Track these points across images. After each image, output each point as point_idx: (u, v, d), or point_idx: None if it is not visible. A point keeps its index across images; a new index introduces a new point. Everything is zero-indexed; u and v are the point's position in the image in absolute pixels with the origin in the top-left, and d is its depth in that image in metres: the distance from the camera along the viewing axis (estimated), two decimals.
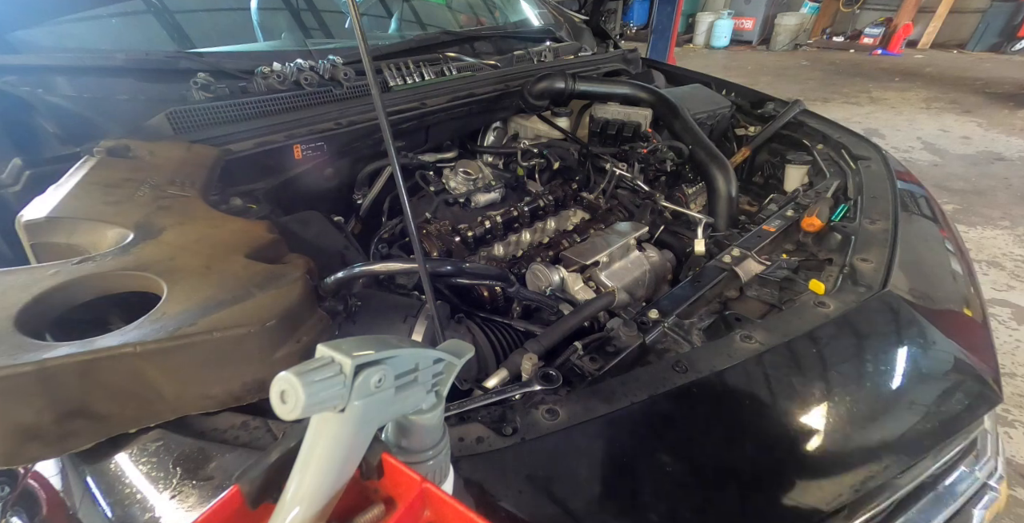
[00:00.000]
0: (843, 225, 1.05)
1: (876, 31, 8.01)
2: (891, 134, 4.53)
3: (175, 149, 0.90)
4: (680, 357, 0.71)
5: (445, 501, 0.34)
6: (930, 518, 0.73)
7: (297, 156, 1.11)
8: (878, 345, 0.78)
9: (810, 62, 7.44)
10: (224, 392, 0.55)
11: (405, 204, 0.63)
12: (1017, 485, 1.54)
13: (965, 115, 4.98)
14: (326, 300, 0.71)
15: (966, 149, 4.17)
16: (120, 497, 0.51)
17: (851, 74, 6.64)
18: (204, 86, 1.07)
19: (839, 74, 6.68)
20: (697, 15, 8.72)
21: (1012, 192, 3.43)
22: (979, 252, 2.75)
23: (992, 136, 4.43)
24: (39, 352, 0.47)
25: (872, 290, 0.84)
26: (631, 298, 1.04)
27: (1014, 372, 1.96)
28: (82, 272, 0.58)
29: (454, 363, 0.39)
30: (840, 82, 6.28)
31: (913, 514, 0.72)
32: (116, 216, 0.69)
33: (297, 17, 1.52)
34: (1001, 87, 5.82)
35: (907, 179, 1.28)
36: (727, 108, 1.63)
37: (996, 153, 4.08)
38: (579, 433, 0.60)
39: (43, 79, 0.97)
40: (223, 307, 0.55)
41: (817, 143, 1.45)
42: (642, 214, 1.31)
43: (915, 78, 6.35)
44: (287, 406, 0.27)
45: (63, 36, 1.12)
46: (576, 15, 2.01)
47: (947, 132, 4.55)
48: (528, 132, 1.58)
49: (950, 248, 1.08)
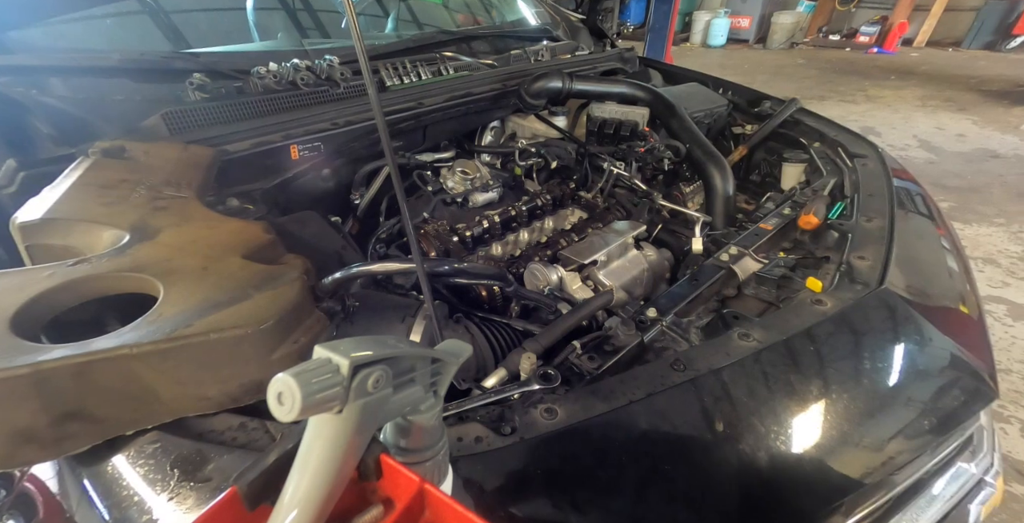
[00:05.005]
0: (840, 223, 1.05)
1: (872, 29, 8.04)
2: (887, 132, 4.54)
3: (171, 150, 0.90)
4: (678, 355, 0.71)
5: (444, 501, 0.34)
6: (927, 514, 0.73)
7: (294, 156, 1.11)
8: (875, 342, 0.78)
9: (806, 60, 7.45)
10: (221, 393, 0.55)
11: (403, 204, 0.63)
12: (1013, 480, 1.55)
13: (960, 113, 5.00)
14: (324, 301, 0.71)
15: (961, 147, 4.19)
16: (117, 499, 0.51)
17: (847, 72, 6.66)
18: (200, 86, 1.06)
19: (835, 72, 6.70)
20: (694, 14, 8.74)
21: (1007, 189, 3.45)
22: (975, 249, 2.76)
23: (987, 134, 4.45)
24: (34, 354, 0.47)
25: (869, 287, 0.84)
26: (629, 297, 1.04)
27: (1009, 368, 1.97)
28: (78, 274, 0.58)
29: (452, 363, 0.39)
30: (836, 80, 6.30)
31: (910, 510, 0.72)
32: (112, 217, 0.68)
33: (293, 17, 1.51)
34: (996, 85, 5.84)
35: (903, 177, 1.28)
36: (724, 107, 1.64)
37: (991, 150, 4.10)
38: (578, 432, 0.60)
39: (38, 80, 0.97)
40: (220, 308, 0.54)
41: (814, 141, 1.46)
42: (640, 213, 1.31)
43: (911, 76, 6.37)
44: (284, 408, 0.27)
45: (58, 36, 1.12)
46: (573, 14, 2.01)
47: (942, 130, 4.57)
48: (525, 131, 1.58)
49: (946, 245, 1.08)
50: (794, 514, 0.60)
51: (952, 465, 0.78)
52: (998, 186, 3.50)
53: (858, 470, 0.64)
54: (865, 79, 6.30)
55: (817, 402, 0.69)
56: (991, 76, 6.20)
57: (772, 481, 0.61)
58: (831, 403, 0.68)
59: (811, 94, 5.67)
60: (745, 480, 0.60)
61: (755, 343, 0.73)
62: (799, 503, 0.61)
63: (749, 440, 0.63)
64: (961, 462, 0.79)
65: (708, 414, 0.65)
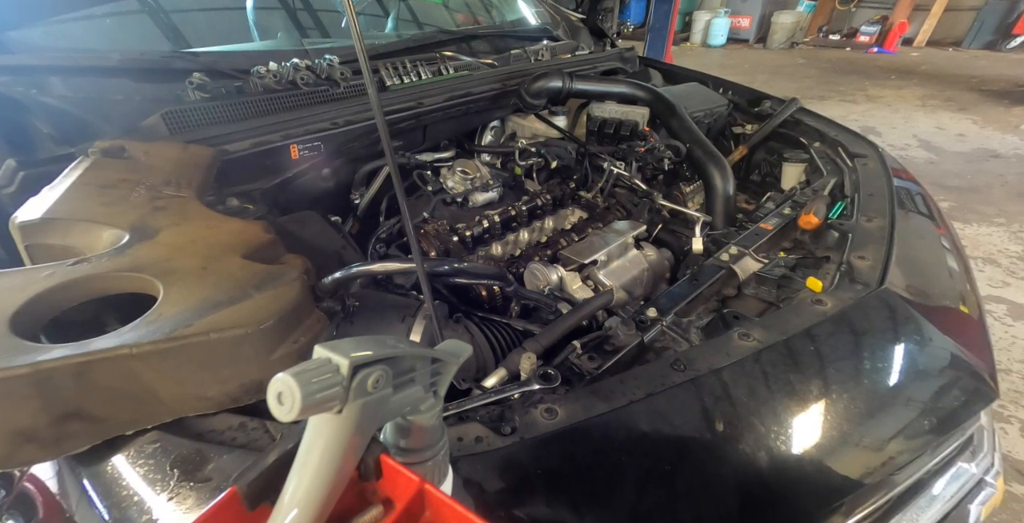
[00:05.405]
0: (840, 223, 1.05)
1: (872, 29, 8.03)
2: (887, 132, 4.54)
3: (171, 149, 0.90)
4: (679, 355, 0.71)
5: (444, 501, 0.34)
6: (927, 514, 0.73)
7: (294, 156, 1.11)
8: (875, 342, 0.78)
9: (807, 60, 7.45)
10: (221, 393, 0.55)
11: (403, 204, 0.63)
12: (1013, 480, 1.55)
13: (960, 113, 5.00)
14: (324, 300, 0.71)
15: (962, 146, 4.19)
16: (117, 499, 0.51)
17: (847, 72, 6.66)
18: (200, 86, 1.06)
19: (835, 72, 6.69)
20: (694, 13, 8.73)
21: (1007, 189, 3.45)
22: (975, 249, 2.76)
23: (987, 133, 4.45)
24: (34, 354, 0.47)
25: (869, 287, 0.84)
26: (629, 297, 1.04)
27: (1009, 368, 1.97)
28: (77, 274, 0.58)
29: (452, 363, 0.39)
30: (836, 80, 6.30)
31: (911, 510, 0.72)
32: (111, 217, 0.68)
33: (293, 16, 1.51)
34: (996, 84, 5.84)
35: (903, 176, 1.28)
36: (724, 106, 1.63)
37: (991, 150, 4.09)
38: (578, 432, 0.60)
39: (37, 79, 0.97)
40: (220, 308, 0.54)
41: (814, 141, 1.46)
42: (640, 213, 1.31)
43: (911, 76, 6.37)
44: (284, 407, 0.27)
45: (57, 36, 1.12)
46: (573, 14, 2.01)
47: (943, 130, 4.57)
48: (525, 131, 1.57)
49: (946, 245, 1.08)
50: (794, 514, 0.60)
51: (952, 465, 0.78)
52: (998, 186, 3.49)
53: (858, 470, 0.64)
54: (865, 79, 6.30)
55: (817, 402, 0.69)
56: (991, 76, 6.20)
57: (772, 481, 0.61)
58: (831, 403, 0.68)
59: (811, 94, 5.67)
60: (745, 480, 0.60)
61: (755, 343, 0.73)
62: (799, 503, 0.61)
63: (749, 440, 0.63)
64: (961, 462, 0.79)
65: (708, 414, 0.65)
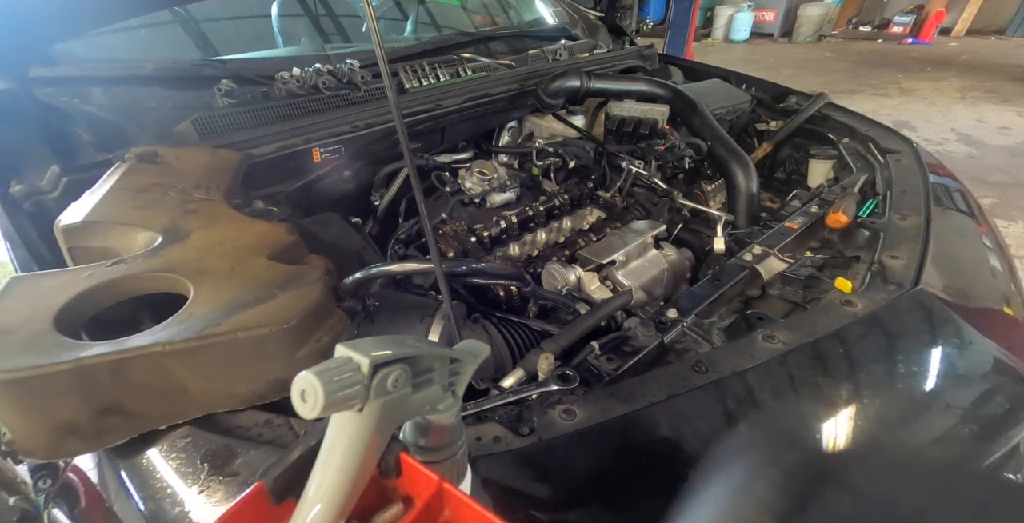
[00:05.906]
0: (871, 221, 1.01)
1: (906, 19, 7.70)
2: (923, 126, 4.34)
3: (200, 154, 0.93)
4: (700, 357, 0.69)
5: (463, 500, 0.34)
6: None
7: (316, 159, 1.14)
8: (910, 345, 0.75)
9: (835, 53, 7.20)
10: (248, 391, 0.56)
11: (421, 205, 0.63)
12: None
13: (1004, 104, 4.74)
14: (345, 300, 0.72)
15: (1005, 140, 3.97)
16: (152, 491, 0.53)
17: (879, 65, 6.40)
18: (227, 92, 1.10)
19: (866, 65, 6.44)
20: (716, 8, 8.55)
21: None
22: (1020, 248, 2.62)
23: None
24: (76, 351, 0.50)
25: (903, 288, 0.81)
26: (649, 297, 1.03)
27: None
28: (115, 274, 0.61)
29: (470, 363, 0.39)
30: (868, 73, 6.06)
31: None
32: (146, 220, 0.71)
33: (316, 23, 1.55)
34: None
35: (940, 172, 1.22)
36: (747, 103, 1.59)
37: None
38: (596, 434, 0.59)
39: (79, 89, 1.02)
40: (246, 308, 0.56)
41: (843, 137, 1.40)
42: (660, 212, 1.29)
43: (949, 67, 6.08)
44: (307, 405, 0.28)
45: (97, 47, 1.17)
46: (591, 12, 1.99)
47: (984, 122, 4.34)
48: (543, 131, 1.57)
49: (988, 244, 1.03)
50: None
51: None
52: None
53: None
54: (899, 71, 6.04)
55: (847, 407, 0.66)
56: None
57: None
58: (862, 409, 0.66)
59: (840, 88, 5.47)
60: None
61: (781, 345, 0.71)
62: None
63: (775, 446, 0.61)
64: (1007, 473, 0.75)
65: (730, 418, 0.63)
